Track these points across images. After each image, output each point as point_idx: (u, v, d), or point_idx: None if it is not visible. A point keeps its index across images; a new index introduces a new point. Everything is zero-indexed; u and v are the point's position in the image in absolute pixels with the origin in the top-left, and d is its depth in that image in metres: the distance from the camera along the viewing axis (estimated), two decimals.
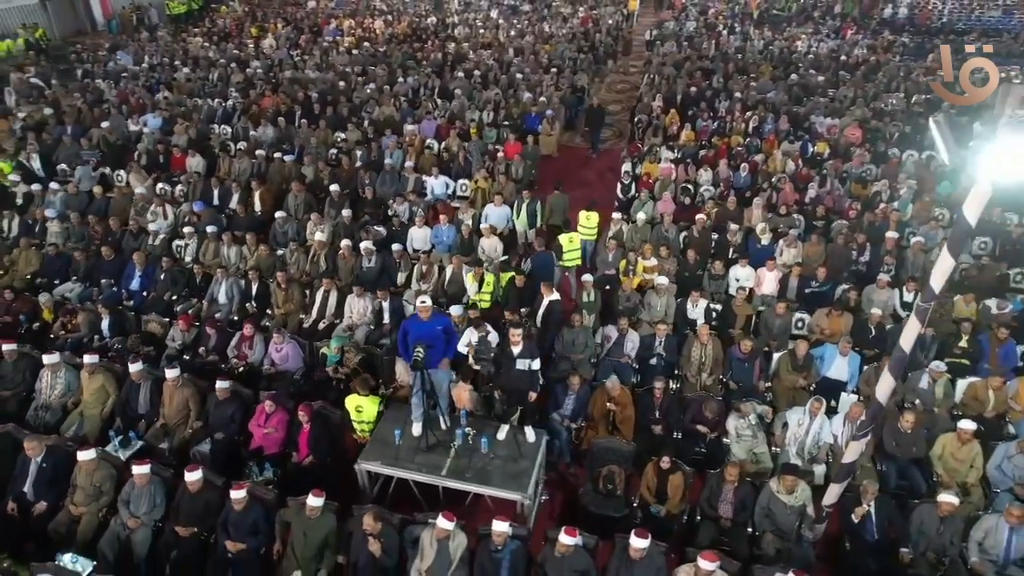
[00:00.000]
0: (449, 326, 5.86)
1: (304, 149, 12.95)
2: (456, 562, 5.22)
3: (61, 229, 9.99)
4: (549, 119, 14.34)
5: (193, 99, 15.92)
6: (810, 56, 19.41)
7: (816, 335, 8.09)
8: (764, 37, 21.88)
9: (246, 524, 5.50)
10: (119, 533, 5.67)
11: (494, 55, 19.46)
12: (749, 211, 10.50)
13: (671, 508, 5.88)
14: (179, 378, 6.71)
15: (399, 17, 25.07)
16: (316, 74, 17.80)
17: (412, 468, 5.69)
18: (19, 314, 8.29)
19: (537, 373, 5.81)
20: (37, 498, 5.92)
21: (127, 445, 6.55)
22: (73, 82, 17.50)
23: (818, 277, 8.71)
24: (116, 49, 20.14)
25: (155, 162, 12.76)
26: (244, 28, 23.60)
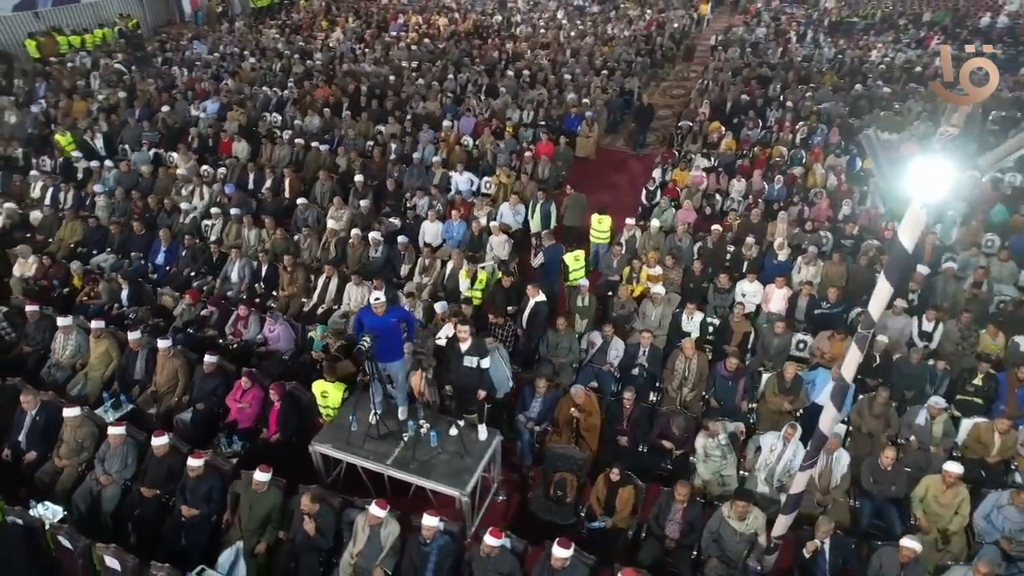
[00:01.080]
0: (405, 316, 5.94)
1: (342, 140, 13.38)
2: (387, 549, 5.30)
3: (107, 204, 10.74)
4: (588, 121, 14.19)
5: (253, 88, 16.71)
6: (881, 66, 18.33)
7: (816, 359, 7.68)
8: (837, 46, 20.84)
9: (201, 491, 5.76)
10: (92, 488, 6.07)
11: (550, 55, 19.43)
12: (773, 224, 10.06)
13: (617, 521, 5.74)
14: (170, 349, 7.11)
15: (465, 15, 25.41)
16: (372, 68, 18.30)
17: (360, 454, 5.80)
18: (54, 279, 8.99)
19: (487, 372, 5.79)
20: (28, 448, 6.41)
21: (118, 407, 6.99)
22: (151, 68, 18.68)
23: (829, 298, 8.25)
24: (196, 39, 21.40)
25: (205, 145, 13.51)
26: (316, 21, 24.52)
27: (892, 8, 26.90)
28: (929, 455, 6.45)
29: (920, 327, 8.02)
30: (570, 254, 8.43)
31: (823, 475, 6.08)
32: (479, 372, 5.70)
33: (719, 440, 6.29)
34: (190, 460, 5.72)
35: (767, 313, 8.47)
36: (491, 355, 6.65)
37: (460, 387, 5.96)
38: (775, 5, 27.99)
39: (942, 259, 9.36)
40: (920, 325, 8.02)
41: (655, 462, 6.50)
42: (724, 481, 6.25)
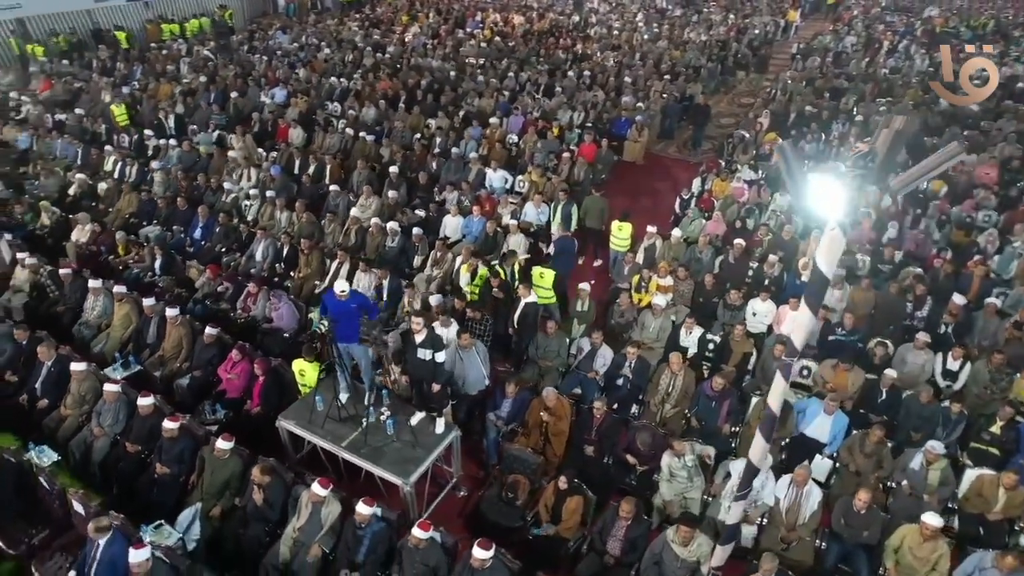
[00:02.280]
0: (364, 302, 6.05)
1: (390, 131, 13.75)
2: (326, 528, 5.45)
3: (162, 179, 11.54)
4: (638, 125, 13.89)
5: (322, 78, 17.43)
6: (976, 81, 16.83)
7: (818, 388, 7.23)
8: (932, 58, 19.34)
9: (174, 452, 6.12)
10: (87, 438, 6.58)
11: (618, 57, 19.15)
12: (806, 244, 9.51)
13: (562, 531, 5.64)
14: (177, 317, 7.58)
15: (543, 14, 25.42)
16: (437, 64, 18.66)
17: (319, 434, 5.98)
18: (102, 245, 9.76)
19: (441, 366, 5.82)
20: (41, 395, 7.02)
21: (127, 367, 7.54)
22: (235, 56, 19.85)
23: (845, 324, 7.72)
24: (281, 30, 22.55)
25: (265, 130, 14.24)
26: (397, 16, 25.25)
27: (1012, 18, 24.73)
28: (921, 503, 5.92)
29: (944, 364, 7.38)
30: (536, 269, 8.26)
31: (791, 510, 5.73)
32: (433, 365, 5.73)
33: (685, 461, 6.04)
34: (166, 422, 6.09)
35: (776, 335, 8.03)
36: (467, 352, 6.73)
37: (415, 379, 6.03)
38: (874, 13, 26.30)
39: (992, 292, 8.56)
40: (945, 362, 7.37)
41: (619, 476, 6.32)
42: (687, 504, 6.00)
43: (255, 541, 5.61)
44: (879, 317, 8.31)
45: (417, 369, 5.91)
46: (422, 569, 5.11)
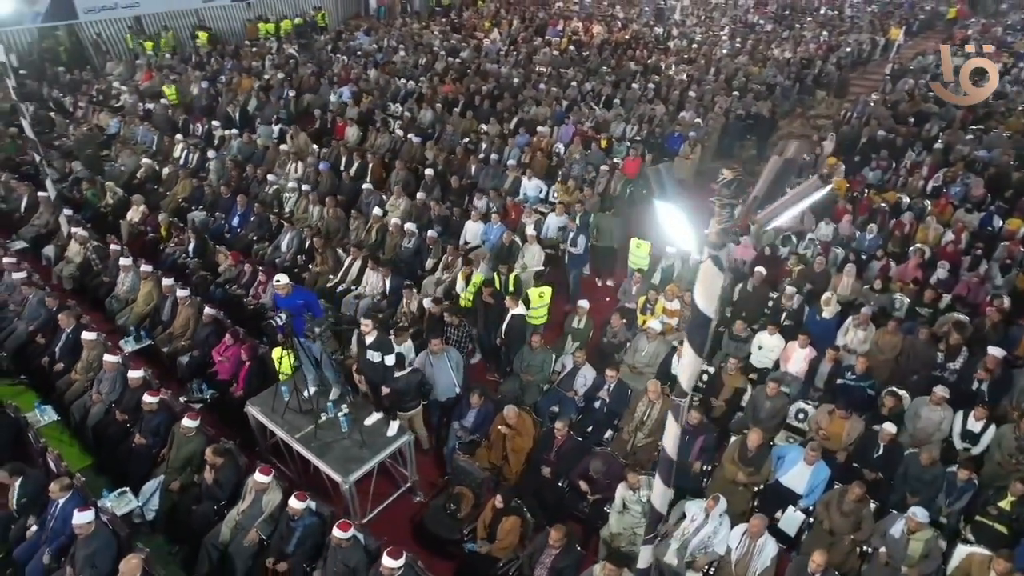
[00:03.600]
0: (310, 300, 6.13)
1: (440, 135, 13.99)
2: (266, 514, 5.59)
3: (216, 168, 12.27)
4: (691, 142, 13.41)
5: (392, 79, 17.97)
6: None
7: (811, 434, 6.68)
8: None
9: (151, 425, 6.48)
10: (86, 402, 7.08)
11: (691, 71, 18.58)
12: (838, 277, 8.84)
13: (494, 550, 5.51)
14: (187, 298, 8.04)
15: (626, 25, 25.07)
16: (506, 69, 18.79)
17: (277, 423, 6.14)
18: (149, 226, 10.50)
19: (391, 369, 5.82)
20: (59, 359, 7.62)
21: (139, 340, 8.08)
22: (317, 55, 20.82)
23: (856, 368, 7.09)
24: (364, 31, 23.47)
25: (325, 128, 14.86)
26: (480, 22, 25.65)
27: None
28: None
29: (965, 424, 6.62)
30: (535, 290, 8.08)
31: (741, 563, 5.33)
32: (382, 368, 5.75)
33: (640, 495, 5.74)
34: (145, 396, 6.46)
35: (783, 372, 7.50)
36: (438, 358, 6.72)
37: (367, 381, 6.07)
38: (992, 32, 24.08)
39: None
40: (966, 422, 6.62)
41: (573, 502, 6.10)
42: (635, 540, 5.70)
43: (204, 518, 5.83)
44: (904, 364, 7.60)
45: (366, 371, 5.96)
46: (342, 568, 5.14)
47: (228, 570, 5.54)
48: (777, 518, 5.92)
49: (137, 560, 4.94)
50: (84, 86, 17.66)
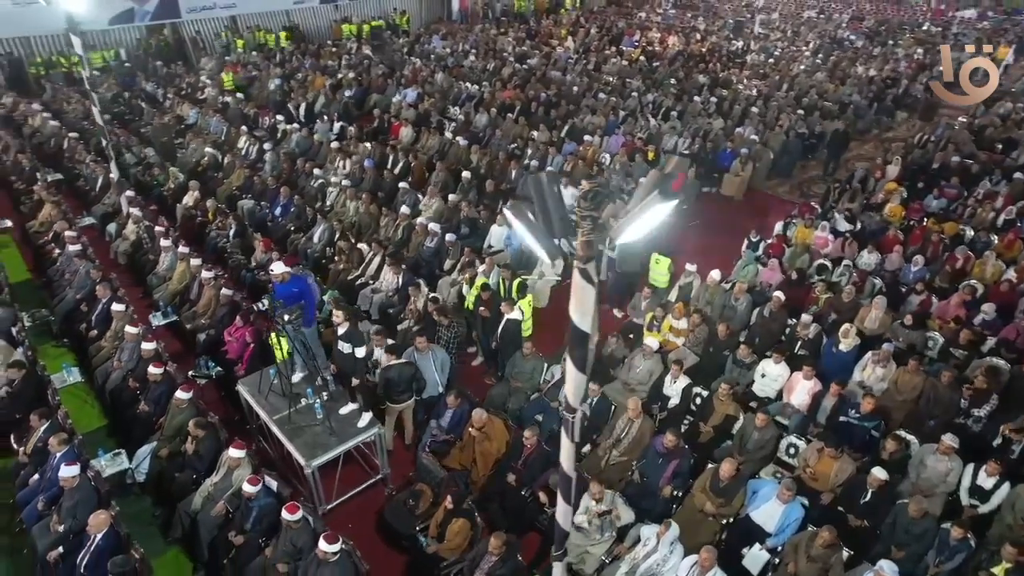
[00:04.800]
0: (305, 289, 6.34)
1: (489, 139, 14.17)
2: (234, 487, 5.87)
3: (272, 160, 12.96)
4: (743, 159, 12.95)
5: (458, 83, 18.35)
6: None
7: (799, 471, 6.31)
8: None
9: (155, 395, 6.94)
10: (108, 368, 7.67)
11: (762, 87, 17.92)
12: (867, 309, 8.29)
13: (441, 549, 5.55)
14: (211, 280, 8.54)
15: (705, 37, 24.45)
16: (570, 77, 18.77)
17: (260, 403, 6.43)
18: (199, 210, 11.22)
19: (361, 361, 5.96)
20: (94, 326, 8.29)
21: (166, 316, 8.67)
22: (390, 56, 21.54)
23: (862, 407, 6.62)
24: (438, 35, 24.07)
25: (382, 127, 15.36)
26: (556, 31, 25.73)
27: None
28: None
29: (975, 479, 6.06)
30: (525, 300, 7.99)
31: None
32: (352, 359, 5.91)
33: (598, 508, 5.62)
34: (150, 367, 6.93)
35: (784, 404, 7.13)
36: (423, 355, 6.85)
37: (340, 369, 6.25)
38: None
39: None
40: (976, 476, 6.06)
41: (534, 512, 6.04)
42: (583, 559, 5.59)
43: (183, 486, 6.19)
44: (923, 408, 7.04)
45: (337, 361, 6.14)
46: (290, 548, 5.33)
47: (196, 536, 5.86)
48: (743, 554, 5.64)
49: (105, 516, 5.32)
50: (176, 79, 19.07)
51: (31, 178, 12.26)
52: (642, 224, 2.80)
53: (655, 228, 2.79)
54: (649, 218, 2.78)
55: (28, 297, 9.70)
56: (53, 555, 5.47)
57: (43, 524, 5.75)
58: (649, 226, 2.79)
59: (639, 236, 2.83)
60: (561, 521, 3.96)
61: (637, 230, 2.83)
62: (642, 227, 2.81)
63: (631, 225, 2.81)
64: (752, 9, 26.36)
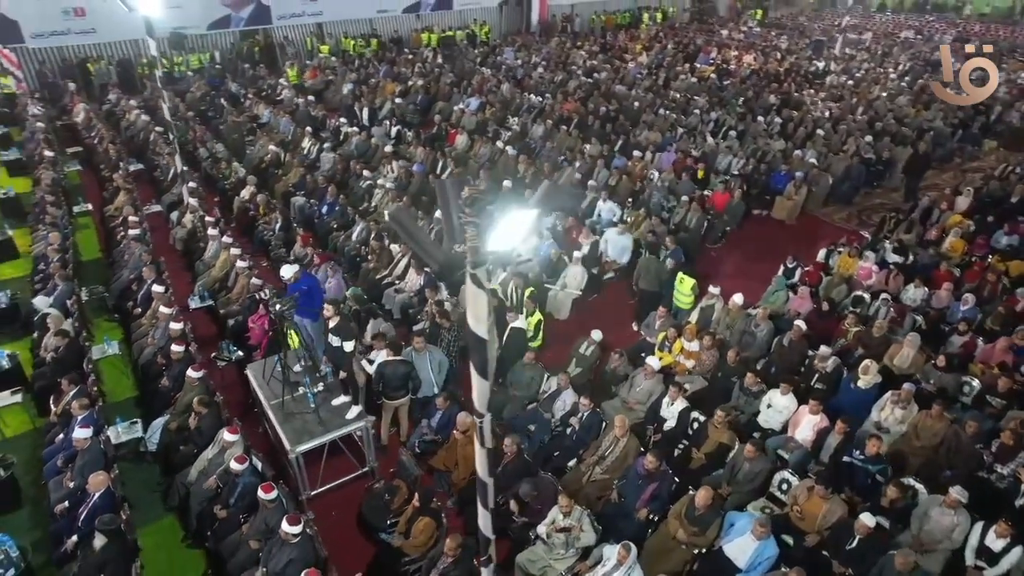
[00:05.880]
0: (312, 286, 6.61)
1: (539, 150, 14.29)
2: (225, 465, 6.21)
3: (328, 161, 13.57)
4: (797, 182, 12.45)
5: (523, 94, 18.58)
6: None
7: (788, 509, 6.01)
8: None
9: (175, 372, 7.44)
10: (144, 344, 8.29)
11: (836, 109, 17.15)
12: (898, 347, 7.79)
13: (406, 546, 5.66)
14: (244, 268, 9.06)
15: (785, 57, 23.62)
16: (634, 92, 18.61)
17: (262, 387, 6.76)
18: (252, 205, 11.90)
19: (349, 354, 6.16)
20: (139, 304, 8.95)
21: (202, 300, 9.25)
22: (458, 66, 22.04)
23: (867, 449, 6.23)
24: (514, 47, 24.43)
25: (440, 134, 15.78)
26: (631, 46, 25.56)
27: None
28: None
29: (983, 539, 5.59)
30: (534, 318, 7.95)
31: None
32: (340, 352, 6.13)
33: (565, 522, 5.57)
34: (173, 345, 7.44)
35: (787, 437, 6.82)
36: (419, 355, 7.03)
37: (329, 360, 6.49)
38: None
39: None
40: (984, 536, 5.59)
41: (506, 520, 6.05)
42: (546, 572, 5.56)
43: (184, 458, 6.61)
44: (943, 457, 6.55)
45: (327, 354, 6.38)
46: (263, 526, 5.59)
47: (188, 507, 6.24)
48: None
49: (104, 477, 5.77)
50: (259, 81, 20.31)
51: (116, 167, 13.39)
52: (507, 232, 2.81)
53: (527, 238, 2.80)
54: (512, 225, 2.79)
55: (94, 274, 10.62)
56: (60, 507, 5.98)
57: (58, 479, 6.29)
58: (516, 234, 2.79)
59: (508, 245, 2.84)
60: (482, 526, 3.99)
61: (503, 238, 2.84)
62: (507, 235, 2.82)
63: (496, 233, 2.82)
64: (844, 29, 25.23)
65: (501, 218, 2.81)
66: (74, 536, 5.65)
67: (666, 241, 9.72)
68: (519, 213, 2.79)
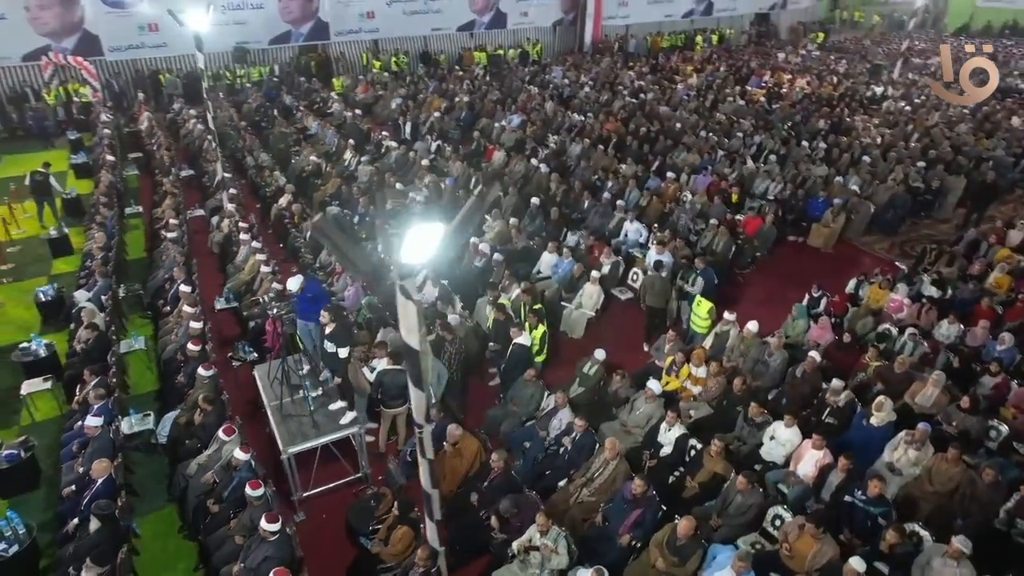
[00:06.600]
0: (317, 293, 6.79)
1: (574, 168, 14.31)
2: (223, 461, 6.43)
3: (365, 173, 13.94)
4: (835, 209, 12.05)
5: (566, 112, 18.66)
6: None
7: (779, 546, 5.77)
8: None
9: (190, 369, 7.73)
10: (168, 340, 8.68)
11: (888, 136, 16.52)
12: (920, 384, 7.41)
13: (383, 553, 5.71)
14: (268, 273, 9.39)
15: (842, 81, 22.94)
16: (679, 113, 18.42)
17: (266, 388, 6.98)
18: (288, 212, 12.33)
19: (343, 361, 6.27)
20: (169, 303, 9.39)
21: (228, 302, 9.63)
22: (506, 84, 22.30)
23: (868, 490, 5.93)
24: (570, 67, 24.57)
25: (479, 150, 16.00)
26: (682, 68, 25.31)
27: None
28: None
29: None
30: (538, 332, 7.89)
31: None
32: (337, 359, 6.26)
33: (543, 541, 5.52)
34: (189, 344, 7.76)
35: (788, 472, 6.56)
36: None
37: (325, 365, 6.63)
38: None
39: None
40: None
41: (488, 535, 6.03)
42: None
43: (188, 452, 6.87)
44: (958, 504, 6.17)
45: (323, 359, 6.52)
46: (248, 522, 5.75)
47: (186, 498, 6.47)
48: None
49: (107, 464, 6.06)
50: (313, 94, 21.09)
51: (168, 172, 14.13)
52: (418, 245, 2.84)
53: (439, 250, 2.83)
54: (422, 239, 2.82)
55: (135, 273, 11.21)
56: (67, 490, 6.32)
57: (71, 464, 6.64)
58: (427, 248, 2.82)
59: (422, 257, 2.86)
60: (430, 538, 3.99)
61: (415, 251, 2.87)
62: (419, 249, 2.85)
63: (408, 246, 2.85)
64: (904, 53, 24.31)
65: (409, 232, 2.85)
66: (75, 519, 5.94)
67: (696, 261, 9.58)
68: (429, 227, 2.82)
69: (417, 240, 2.84)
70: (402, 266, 2.93)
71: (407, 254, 2.84)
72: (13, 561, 5.73)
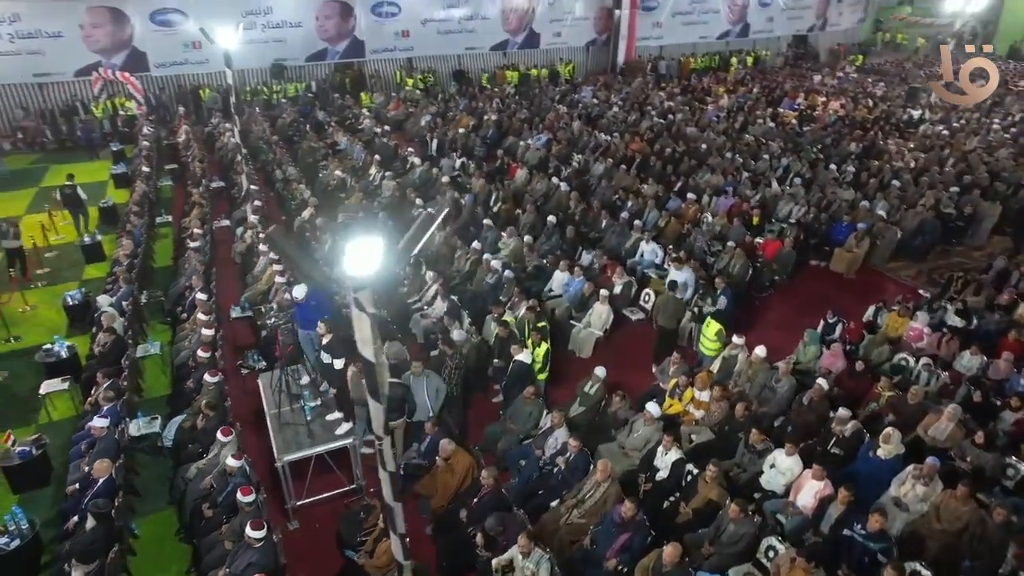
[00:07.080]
0: (321, 302, 6.89)
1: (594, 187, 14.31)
2: (220, 466, 6.54)
3: (388, 188, 14.18)
4: (859, 234, 11.76)
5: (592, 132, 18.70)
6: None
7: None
8: None
9: (199, 375, 7.91)
10: (183, 346, 8.92)
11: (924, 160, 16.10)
12: (934, 416, 7.14)
13: (368, 565, 5.72)
14: (282, 285, 9.58)
15: (878, 104, 22.48)
16: (707, 134, 18.29)
17: (268, 395, 7.09)
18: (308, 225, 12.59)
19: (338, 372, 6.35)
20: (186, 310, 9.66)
21: (243, 311, 9.86)
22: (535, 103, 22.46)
23: (869, 525, 5.72)
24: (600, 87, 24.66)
25: (502, 167, 16.12)
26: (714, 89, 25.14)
27: None
28: None
29: None
30: (540, 350, 7.84)
31: None
32: (332, 370, 6.34)
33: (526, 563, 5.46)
34: (199, 351, 7.96)
35: (786, 502, 6.37)
36: (417, 379, 7.18)
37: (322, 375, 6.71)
38: None
39: None
40: None
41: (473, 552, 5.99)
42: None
43: (189, 456, 7.02)
44: (966, 544, 5.91)
45: (319, 369, 6.61)
46: (238, 528, 5.83)
47: (184, 501, 6.61)
48: None
49: (108, 464, 6.24)
50: (345, 110, 21.58)
51: (198, 183, 14.60)
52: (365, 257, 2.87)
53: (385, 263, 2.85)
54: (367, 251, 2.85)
55: (160, 280, 11.57)
56: (71, 489, 6.51)
57: (78, 463, 6.85)
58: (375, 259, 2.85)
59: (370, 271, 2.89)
60: (394, 552, 3.99)
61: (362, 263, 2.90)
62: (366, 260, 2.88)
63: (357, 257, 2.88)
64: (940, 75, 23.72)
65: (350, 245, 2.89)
66: (76, 516, 6.11)
67: (716, 281, 9.49)
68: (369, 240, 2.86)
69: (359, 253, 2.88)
70: (354, 279, 2.97)
71: (350, 267, 2.89)
72: (14, 555, 5.91)
